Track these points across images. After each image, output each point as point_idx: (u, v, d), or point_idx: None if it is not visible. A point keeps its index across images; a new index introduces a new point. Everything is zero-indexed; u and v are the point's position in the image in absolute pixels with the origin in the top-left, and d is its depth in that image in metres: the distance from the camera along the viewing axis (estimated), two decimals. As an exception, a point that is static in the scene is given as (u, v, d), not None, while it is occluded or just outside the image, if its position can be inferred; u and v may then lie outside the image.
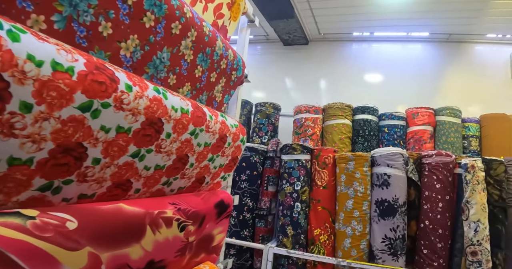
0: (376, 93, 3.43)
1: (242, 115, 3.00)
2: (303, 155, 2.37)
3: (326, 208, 2.28)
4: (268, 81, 3.88)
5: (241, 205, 2.45)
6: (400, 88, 3.44)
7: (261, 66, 4.00)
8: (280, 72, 3.87)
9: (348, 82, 3.62)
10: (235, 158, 1.51)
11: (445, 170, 2.20)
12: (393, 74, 3.54)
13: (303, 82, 3.76)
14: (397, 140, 2.65)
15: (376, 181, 2.19)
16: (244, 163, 2.51)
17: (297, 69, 3.82)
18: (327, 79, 3.71)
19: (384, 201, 2.13)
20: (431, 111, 2.70)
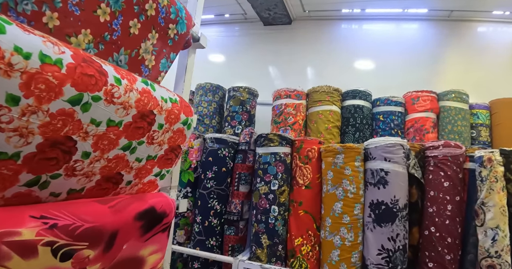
0: (368, 78, 3.03)
1: (213, 102, 2.57)
2: (282, 148, 1.95)
3: (310, 212, 1.87)
4: (247, 66, 3.45)
5: (207, 208, 2.02)
6: (394, 73, 3.04)
7: (239, 49, 3.57)
8: (260, 56, 3.44)
9: (337, 67, 3.20)
10: (175, 148, 1.09)
11: (455, 165, 1.81)
12: (387, 57, 3.14)
13: (286, 67, 3.33)
14: (394, 129, 2.24)
15: (371, 178, 1.78)
16: (211, 157, 2.08)
17: (279, 52, 3.39)
18: (313, 63, 3.29)
19: (381, 204, 1.72)
20: (434, 95, 2.30)
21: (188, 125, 1.09)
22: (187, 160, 2.17)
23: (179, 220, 2.13)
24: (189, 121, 1.09)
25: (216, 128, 2.55)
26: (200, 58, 3.67)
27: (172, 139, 1.05)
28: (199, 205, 2.06)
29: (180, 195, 2.14)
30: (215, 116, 2.56)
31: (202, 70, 3.60)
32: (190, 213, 2.16)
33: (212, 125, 2.53)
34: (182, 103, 1.07)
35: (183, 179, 2.15)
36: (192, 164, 2.17)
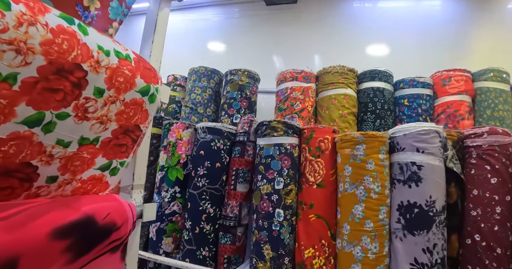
0: (384, 63, 2.63)
1: (208, 88, 2.22)
2: (288, 138, 1.60)
3: (323, 216, 1.52)
4: (248, 50, 3.10)
5: (198, 211, 1.69)
6: (413, 55, 2.66)
7: (239, 31, 3.21)
8: (262, 39, 3.08)
9: (348, 50, 2.83)
10: (131, 130, 0.75)
11: (504, 156, 1.47)
12: (405, 38, 2.75)
13: (291, 51, 2.96)
14: (422, 115, 1.88)
15: (399, 174, 1.44)
16: (203, 151, 1.74)
17: (284, 34, 3.02)
18: (321, 46, 2.91)
19: (413, 206, 1.38)
20: (468, 75, 1.93)
21: (150, 97, 0.76)
22: (175, 154, 1.83)
23: (165, 226, 1.79)
24: (152, 90, 0.75)
25: (212, 118, 2.21)
26: (196, 43, 3.34)
27: (124, 115, 0.72)
28: (189, 208, 1.73)
29: (166, 196, 1.80)
30: (210, 104, 2.21)
31: (198, 55, 3.28)
32: (179, 217, 1.82)
33: (206, 114, 2.18)
34: (140, 64, 0.72)
35: (170, 177, 1.81)
36: (181, 159, 1.83)
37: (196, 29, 3.41)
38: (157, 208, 1.81)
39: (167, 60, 3.47)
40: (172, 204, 1.81)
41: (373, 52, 2.83)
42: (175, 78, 2.46)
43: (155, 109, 0.80)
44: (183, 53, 3.33)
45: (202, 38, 3.34)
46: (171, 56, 3.36)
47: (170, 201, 1.81)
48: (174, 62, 2.47)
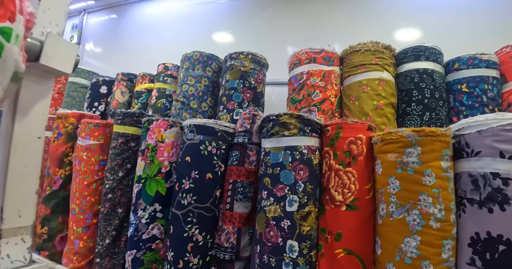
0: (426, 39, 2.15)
1: (203, 78, 1.79)
2: (304, 138, 1.15)
3: (355, 252, 1.07)
4: (259, 35, 2.65)
5: (182, 239, 1.26)
6: (461, 35, 2.14)
7: (248, 13, 2.77)
8: (275, 22, 2.62)
9: (376, 32, 2.33)
10: None
11: None
12: (449, 14, 2.23)
13: (307, 34, 2.49)
14: (489, 106, 1.39)
15: (472, 192, 0.98)
16: (189, 156, 1.30)
17: (300, 15, 2.56)
18: (342, 27, 2.43)
19: (497, 241, 0.92)
20: (548, 50, 1.43)
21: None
22: (155, 161, 1.39)
23: (143, 255, 1.36)
24: None
25: (208, 114, 1.77)
26: (199, 29, 2.90)
27: None
28: (171, 233, 1.29)
29: (144, 216, 1.36)
30: (206, 97, 1.78)
31: (201, 42, 2.84)
32: (160, 244, 1.39)
33: (201, 110, 1.75)
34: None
35: (148, 191, 1.38)
36: (162, 167, 1.40)
37: (200, 13, 2.99)
38: (133, 231, 1.38)
39: (166, 49, 3.07)
40: (152, 227, 1.38)
41: (406, 31, 2.31)
42: (166, 67, 2.03)
43: (12, 68, 0.36)
44: (185, 41, 2.92)
45: (206, 24, 2.91)
46: (171, 45, 2.97)
47: (148, 222, 1.38)
48: (174, 51, 2.05)
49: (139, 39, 3.23)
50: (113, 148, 1.56)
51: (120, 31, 3.43)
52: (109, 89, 2.27)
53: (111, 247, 1.50)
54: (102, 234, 1.50)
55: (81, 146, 1.64)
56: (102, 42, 3.57)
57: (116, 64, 3.28)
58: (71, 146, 1.74)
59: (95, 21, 3.70)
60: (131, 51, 3.23)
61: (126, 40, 3.34)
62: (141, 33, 3.27)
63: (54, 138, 1.77)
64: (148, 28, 3.24)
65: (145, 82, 2.12)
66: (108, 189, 1.52)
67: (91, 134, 1.63)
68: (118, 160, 1.53)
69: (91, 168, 1.61)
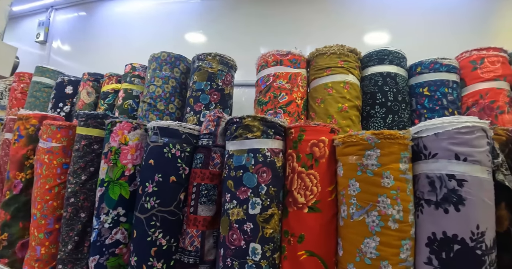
0: (391, 44, 2.20)
1: (171, 79, 1.77)
2: (268, 141, 1.15)
3: (317, 254, 1.07)
4: (231, 36, 2.63)
5: (146, 243, 1.24)
6: (427, 37, 2.19)
7: (220, 13, 2.75)
8: (247, 22, 2.61)
9: (348, 33, 2.36)
10: None
11: None
12: (418, 17, 2.28)
13: (278, 34, 2.49)
14: (449, 109, 1.44)
15: (429, 193, 1.00)
16: (152, 159, 1.28)
17: (269, 15, 2.55)
18: (314, 28, 2.45)
19: (452, 240, 0.95)
20: (505, 55, 1.49)
21: None
22: (118, 164, 1.36)
23: (106, 261, 1.33)
24: None
25: (176, 116, 1.75)
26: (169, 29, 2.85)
27: None
28: (134, 237, 1.26)
29: (107, 220, 1.33)
30: (173, 98, 1.75)
31: (170, 42, 2.81)
32: (124, 249, 1.36)
33: (168, 111, 1.72)
34: None
35: (111, 195, 1.35)
36: (126, 170, 1.37)
37: (171, 13, 2.94)
38: (95, 236, 1.34)
39: (135, 49, 3.00)
40: (115, 231, 1.35)
41: (377, 32, 2.35)
42: (133, 67, 1.99)
43: None
44: (154, 41, 2.87)
45: (177, 24, 2.87)
46: (141, 45, 2.91)
47: (111, 227, 1.35)
48: (144, 51, 2.00)
49: (108, 38, 3.16)
50: (76, 150, 1.51)
51: (89, 29, 3.34)
52: (75, 89, 2.21)
53: (73, 253, 1.45)
54: (65, 239, 1.46)
55: (43, 149, 1.58)
56: (70, 40, 3.47)
57: (85, 63, 3.19)
58: (33, 149, 1.68)
59: (63, 19, 3.59)
60: (100, 50, 3.15)
61: (95, 39, 3.25)
62: (110, 31, 3.20)
63: (15, 140, 1.71)
64: (118, 26, 3.17)
65: (112, 82, 2.07)
66: (70, 193, 1.47)
67: (53, 136, 1.58)
68: (81, 163, 1.49)
69: (53, 171, 1.56)
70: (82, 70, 2.25)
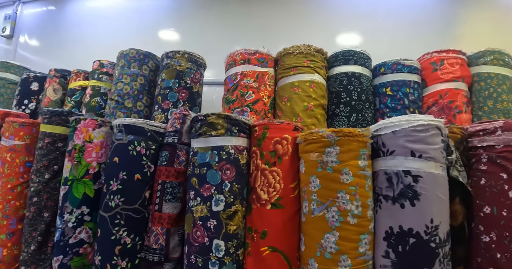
0: (361, 45, 2.24)
1: (139, 76, 1.74)
2: (232, 138, 1.17)
3: (280, 249, 1.09)
4: (204, 34, 2.61)
5: (110, 242, 1.23)
6: (394, 40, 2.26)
7: (193, 11, 2.72)
8: (221, 21, 2.61)
9: (319, 35, 2.40)
10: None
11: None
12: (385, 21, 2.35)
13: (250, 35, 2.51)
14: (410, 108, 1.49)
15: (387, 189, 1.04)
16: (117, 157, 1.27)
17: (246, 15, 2.57)
18: (290, 29, 2.48)
19: (408, 234, 0.99)
20: (463, 57, 1.55)
21: None
22: (82, 162, 1.34)
23: (70, 260, 1.30)
24: None
25: (144, 113, 1.73)
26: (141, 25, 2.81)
27: None
28: (99, 236, 1.25)
29: (71, 219, 1.31)
30: (141, 96, 1.74)
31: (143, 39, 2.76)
32: (89, 249, 1.34)
33: (136, 109, 1.71)
34: None
35: (75, 194, 1.32)
36: (90, 168, 1.35)
37: (142, 9, 2.89)
38: (59, 236, 1.32)
39: (105, 46, 2.93)
40: (79, 231, 1.32)
41: (347, 34, 2.40)
42: (101, 64, 1.96)
43: None
44: (125, 37, 2.82)
45: (148, 21, 2.83)
46: (110, 41, 2.84)
47: (75, 226, 1.32)
48: (114, 48, 1.95)
49: (78, 34, 3.07)
50: (40, 148, 1.48)
51: (57, 24, 3.24)
52: (41, 85, 2.15)
53: (36, 254, 1.42)
54: (27, 240, 1.42)
55: (5, 147, 1.53)
56: (38, 35, 3.35)
57: (53, 59, 3.10)
58: (-6, 147, 1.63)
59: (31, 13, 3.46)
60: (69, 46, 3.06)
61: (64, 34, 3.16)
62: (80, 27, 3.11)
63: (-25, 138, 1.65)
64: (88, 22, 3.09)
65: (79, 79, 2.03)
66: (33, 192, 1.43)
67: (16, 133, 1.54)
68: (44, 161, 1.45)
69: (15, 170, 1.51)
70: (50, 65, 2.19)
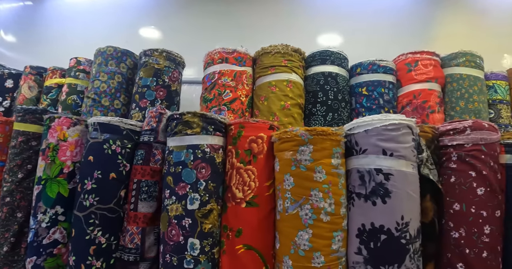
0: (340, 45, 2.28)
1: (117, 74, 1.73)
2: (207, 137, 1.17)
3: (255, 247, 1.10)
4: (184, 32, 2.60)
5: (84, 242, 1.21)
6: (370, 41, 2.31)
7: (174, 9, 2.70)
8: (201, 20, 2.60)
9: (299, 35, 2.41)
10: None
11: (492, 159, 1.14)
12: (362, 22, 2.39)
13: (230, 35, 2.50)
14: (385, 108, 1.52)
15: (360, 187, 1.06)
16: (92, 156, 1.25)
17: (227, 14, 2.57)
18: (265, 29, 2.49)
19: (379, 231, 1.01)
20: (437, 59, 1.59)
21: None
22: (56, 161, 1.32)
23: (43, 261, 1.28)
24: None
25: (121, 112, 1.71)
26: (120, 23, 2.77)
27: None
28: (73, 236, 1.23)
29: (44, 220, 1.29)
30: (119, 94, 1.72)
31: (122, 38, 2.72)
32: (63, 249, 1.32)
33: (113, 107, 1.69)
34: None
35: (49, 193, 1.30)
36: (64, 167, 1.33)
37: (123, 6, 2.85)
38: (32, 236, 1.29)
39: (84, 43, 2.88)
40: (53, 231, 1.30)
41: (325, 35, 2.44)
42: (78, 61, 1.93)
43: None
44: (104, 34, 2.77)
45: (129, 18, 2.79)
46: (89, 38, 2.78)
47: (49, 226, 1.30)
48: (91, 45, 1.92)
49: (56, 30, 2.99)
50: (13, 147, 1.44)
51: (35, 20, 3.15)
52: (16, 83, 2.10)
53: (9, 255, 1.39)
54: (0, 241, 1.39)
55: (-23, 146, 1.50)
56: (14, 31, 3.25)
57: (29, 56, 3.02)
58: (-34, 146, 1.58)
59: (7, 7, 3.36)
60: (46, 42, 2.97)
61: (41, 30, 3.07)
62: (58, 23, 3.02)
63: None
64: (66, 18, 3.01)
65: (55, 76, 1.99)
66: (6, 192, 1.40)
67: (-12, 132, 1.50)
68: (17, 160, 1.42)
69: (-13, 169, 1.48)
70: (26, 62, 2.13)
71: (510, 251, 1.11)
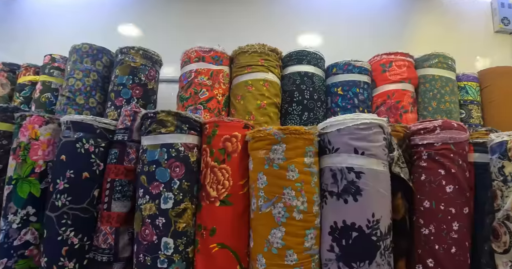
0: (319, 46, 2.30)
1: (92, 72, 1.70)
2: (182, 136, 1.16)
3: (229, 246, 1.10)
4: (164, 31, 2.57)
5: (56, 243, 1.19)
6: (347, 42, 2.34)
7: (154, 7, 2.66)
8: (182, 19, 2.57)
9: (278, 35, 2.42)
10: None
11: (460, 157, 1.17)
12: (340, 24, 2.43)
13: (217, 34, 2.49)
14: (360, 107, 1.54)
15: (332, 185, 1.07)
16: (64, 155, 1.23)
17: (209, 14, 2.56)
18: (245, 29, 2.49)
19: (351, 228, 1.03)
20: (411, 60, 1.63)
21: None
22: (27, 161, 1.29)
23: (14, 263, 1.25)
24: None
25: (96, 110, 1.69)
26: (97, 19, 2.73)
27: None
28: (45, 237, 1.21)
29: (15, 220, 1.26)
30: (94, 93, 1.69)
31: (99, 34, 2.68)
32: (35, 250, 1.29)
33: (88, 106, 1.66)
34: None
35: (20, 194, 1.27)
36: (36, 167, 1.30)
37: (99, 1, 2.79)
38: (2, 238, 1.26)
39: (59, 39, 2.81)
40: (24, 232, 1.27)
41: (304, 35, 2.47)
42: (53, 58, 1.89)
43: None
44: (81, 31, 2.71)
45: (108, 14, 2.73)
46: (65, 34, 2.71)
47: (20, 227, 1.26)
48: (67, 42, 1.88)
49: (30, 26, 2.89)
50: (-18, 146, 1.41)
51: (7, 15, 3.05)
52: (-13, 81, 2.05)
53: (-21, 257, 1.35)
54: (-31, 243, 1.35)
55: None
56: (-15, 25, 3.18)
57: (2, 52, 2.93)
58: None
59: (-23, 1, 3.28)
60: (19, 38, 2.88)
61: (14, 25, 2.96)
62: (32, 18, 2.94)
63: None
64: (41, 13, 2.91)
65: (29, 74, 1.94)
66: (-25, 192, 1.37)
67: (-43, 131, 1.46)
68: (-13, 160, 1.39)
69: (-44, 169, 1.43)
70: (2, 58, 2.08)
71: (477, 247, 1.14)
